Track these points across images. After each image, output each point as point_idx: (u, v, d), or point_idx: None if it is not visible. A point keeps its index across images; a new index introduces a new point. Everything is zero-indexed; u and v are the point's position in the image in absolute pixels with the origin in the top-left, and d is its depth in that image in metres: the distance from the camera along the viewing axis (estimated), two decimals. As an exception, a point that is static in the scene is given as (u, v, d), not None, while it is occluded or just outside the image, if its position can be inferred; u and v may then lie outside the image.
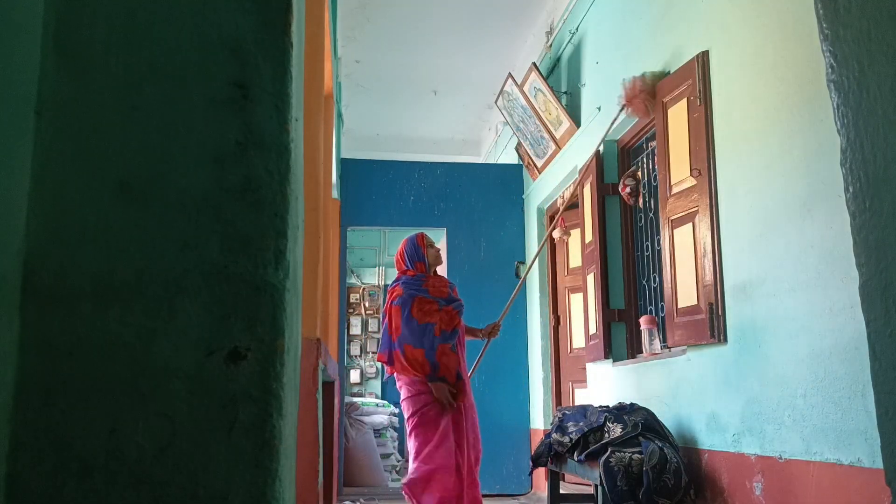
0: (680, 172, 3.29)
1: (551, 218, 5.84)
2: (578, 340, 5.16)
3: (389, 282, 10.66)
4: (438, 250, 3.82)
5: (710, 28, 3.14)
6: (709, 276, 3.02)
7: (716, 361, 3.01)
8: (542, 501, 3.83)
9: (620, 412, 3.21)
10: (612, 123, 4.00)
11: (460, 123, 7.52)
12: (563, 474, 4.26)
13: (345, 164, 6.19)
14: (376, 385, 10.09)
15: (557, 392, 5.51)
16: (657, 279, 3.94)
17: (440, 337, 3.48)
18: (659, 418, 3.21)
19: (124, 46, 0.83)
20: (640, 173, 4.14)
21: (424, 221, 6.18)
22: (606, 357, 4.19)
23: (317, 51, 2.69)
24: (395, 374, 3.59)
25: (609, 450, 2.98)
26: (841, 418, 2.25)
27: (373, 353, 10.19)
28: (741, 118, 2.87)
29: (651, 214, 4.04)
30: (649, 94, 3.53)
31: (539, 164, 5.67)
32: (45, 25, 0.81)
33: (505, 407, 5.74)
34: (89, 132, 0.81)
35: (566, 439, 3.28)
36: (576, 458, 3.18)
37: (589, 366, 4.63)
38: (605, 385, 4.30)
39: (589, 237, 4.51)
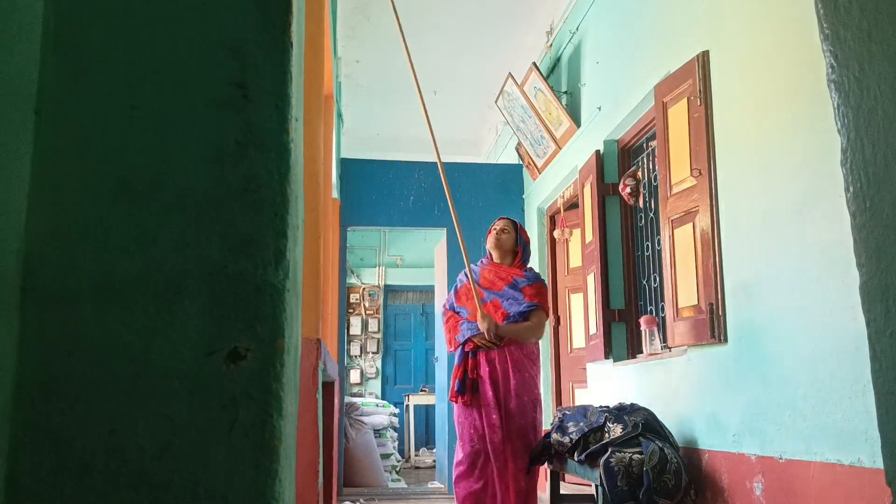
0: (680, 172, 3.29)
1: (552, 218, 5.84)
2: (578, 340, 5.16)
3: (389, 282, 10.71)
4: (493, 232, 3.62)
5: (710, 28, 3.14)
6: (709, 276, 3.02)
7: (716, 361, 3.01)
8: (542, 502, 3.83)
9: (620, 412, 3.21)
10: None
11: (460, 123, 7.52)
12: (564, 474, 4.26)
13: (345, 164, 6.19)
14: (376, 385, 10.09)
15: (557, 392, 5.51)
16: (657, 279, 3.94)
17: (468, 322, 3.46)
18: (659, 418, 3.21)
19: (124, 46, 0.83)
20: (640, 173, 4.14)
21: (424, 221, 6.18)
22: (606, 357, 4.19)
23: (317, 51, 2.69)
24: None
25: (609, 450, 2.98)
26: (841, 418, 2.24)
27: (372, 353, 10.19)
28: (741, 118, 2.87)
29: (651, 214, 4.04)
30: None
31: (539, 163, 5.67)
32: (45, 25, 0.81)
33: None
34: (89, 132, 0.81)
35: (566, 439, 3.28)
36: (576, 459, 3.18)
37: (589, 366, 4.63)
38: (605, 385, 4.30)
39: (589, 237, 4.51)
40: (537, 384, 3.44)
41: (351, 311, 10.10)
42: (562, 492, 3.80)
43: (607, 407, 3.36)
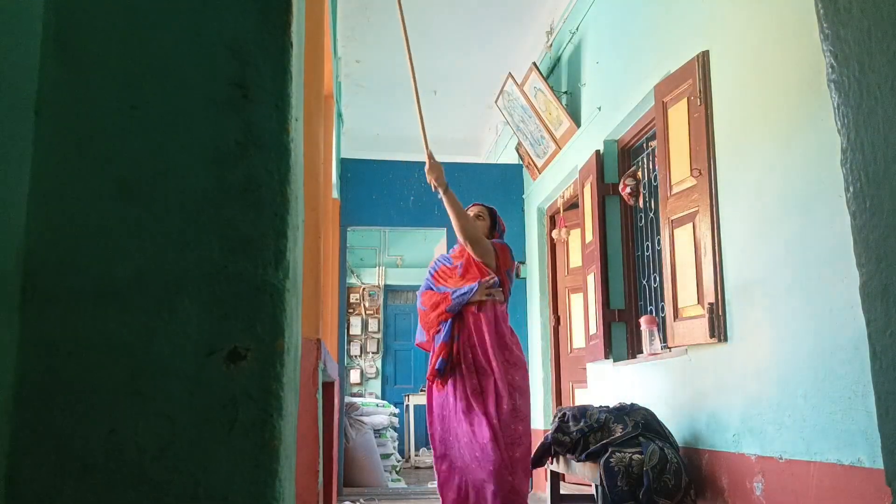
0: (680, 172, 3.29)
1: (552, 218, 5.85)
2: (578, 340, 5.16)
3: (389, 282, 10.71)
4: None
5: (710, 28, 3.14)
6: (709, 276, 3.02)
7: (716, 361, 3.01)
8: (542, 502, 3.83)
9: (621, 412, 3.21)
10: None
11: (460, 123, 7.52)
12: (564, 474, 4.26)
13: (345, 164, 6.20)
14: (376, 385, 10.09)
15: (557, 392, 5.51)
16: (657, 279, 3.94)
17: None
18: (659, 418, 3.21)
19: (124, 46, 0.83)
20: (640, 173, 4.14)
21: (424, 221, 6.18)
22: (606, 357, 4.19)
23: (317, 51, 2.69)
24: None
25: (609, 450, 2.98)
26: (841, 418, 2.24)
27: (372, 353, 10.19)
28: (741, 118, 2.87)
29: (651, 214, 4.04)
30: None
31: (539, 164, 5.67)
32: (45, 25, 0.81)
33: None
34: (89, 132, 0.81)
35: (566, 439, 3.28)
36: (576, 459, 3.18)
37: (589, 366, 4.63)
38: (606, 385, 4.30)
39: (589, 237, 4.51)
40: (514, 363, 3.21)
41: (351, 311, 10.10)
42: (562, 492, 3.80)
43: (607, 407, 3.36)
